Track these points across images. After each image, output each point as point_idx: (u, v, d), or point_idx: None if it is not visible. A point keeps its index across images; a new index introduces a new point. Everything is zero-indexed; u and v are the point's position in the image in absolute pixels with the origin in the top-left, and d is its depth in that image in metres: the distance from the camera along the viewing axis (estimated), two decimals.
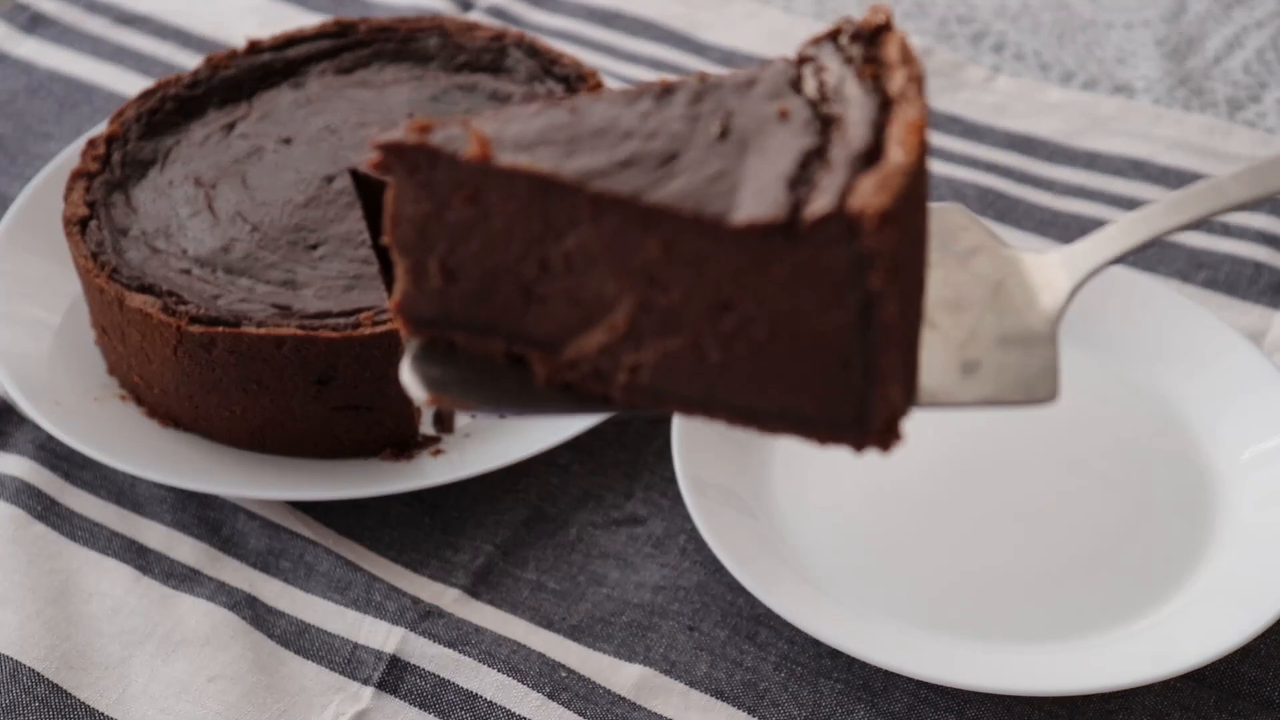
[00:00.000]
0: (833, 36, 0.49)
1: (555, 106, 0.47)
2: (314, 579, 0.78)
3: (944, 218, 0.53)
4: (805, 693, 0.73)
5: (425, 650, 0.75)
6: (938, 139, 1.07)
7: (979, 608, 0.76)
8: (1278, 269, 0.96)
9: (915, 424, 0.83)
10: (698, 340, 0.46)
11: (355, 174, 0.89)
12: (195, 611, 0.77)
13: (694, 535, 0.81)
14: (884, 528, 0.80)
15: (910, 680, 0.73)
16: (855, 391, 0.45)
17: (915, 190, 0.44)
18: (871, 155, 0.44)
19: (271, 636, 0.76)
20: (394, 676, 0.74)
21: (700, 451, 0.80)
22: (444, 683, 0.74)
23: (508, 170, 0.45)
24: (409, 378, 0.49)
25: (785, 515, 0.80)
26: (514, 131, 0.46)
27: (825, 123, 0.46)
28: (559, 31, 1.17)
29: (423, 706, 0.73)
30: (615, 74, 1.11)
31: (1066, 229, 1.00)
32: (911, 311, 0.46)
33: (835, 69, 0.48)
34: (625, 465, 0.85)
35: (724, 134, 0.46)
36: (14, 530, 0.80)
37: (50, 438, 0.84)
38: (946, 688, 0.73)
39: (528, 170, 0.45)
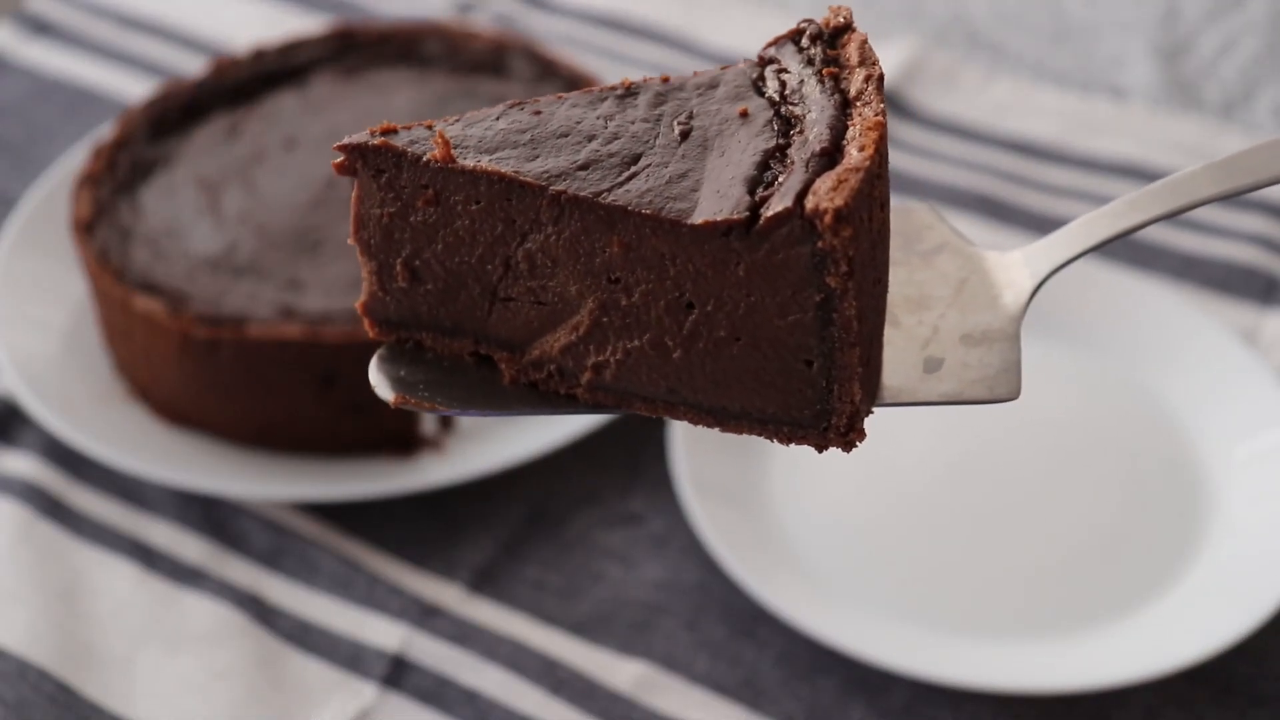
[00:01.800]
0: (794, 37, 0.49)
1: (518, 109, 0.48)
2: (317, 577, 0.79)
3: (909, 216, 0.53)
4: (803, 689, 0.74)
5: (427, 647, 0.76)
6: (934, 141, 1.08)
7: (975, 606, 0.76)
8: (1270, 270, 0.97)
9: (910, 425, 0.84)
10: (660, 340, 0.47)
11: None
12: (200, 609, 0.77)
13: (693, 533, 0.81)
14: (880, 527, 0.80)
15: (907, 677, 0.74)
16: (817, 390, 0.46)
17: (874, 190, 0.45)
18: (830, 155, 0.44)
19: (275, 634, 0.76)
20: (397, 673, 0.75)
21: (700, 451, 0.81)
22: (446, 679, 0.74)
23: (470, 172, 0.46)
24: (376, 378, 0.50)
25: (783, 514, 0.81)
26: (477, 134, 0.47)
27: (786, 123, 0.46)
28: (560, 35, 1.18)
29: (425, 703, 0.73)
30: (615, 77, 1.12)
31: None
32: (872, 310, 0.46)
33: (796, 70, 0.48)
34: (625, 465, 0.85)
35: (685, 136, 0.47)
36: (21, 529, 0.81)
37: (57, 437, 0.85)
38: (943, 685, 0.73)
39: (490, 172, 0.46)
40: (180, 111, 0.93)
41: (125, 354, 0.85)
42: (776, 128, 0.46)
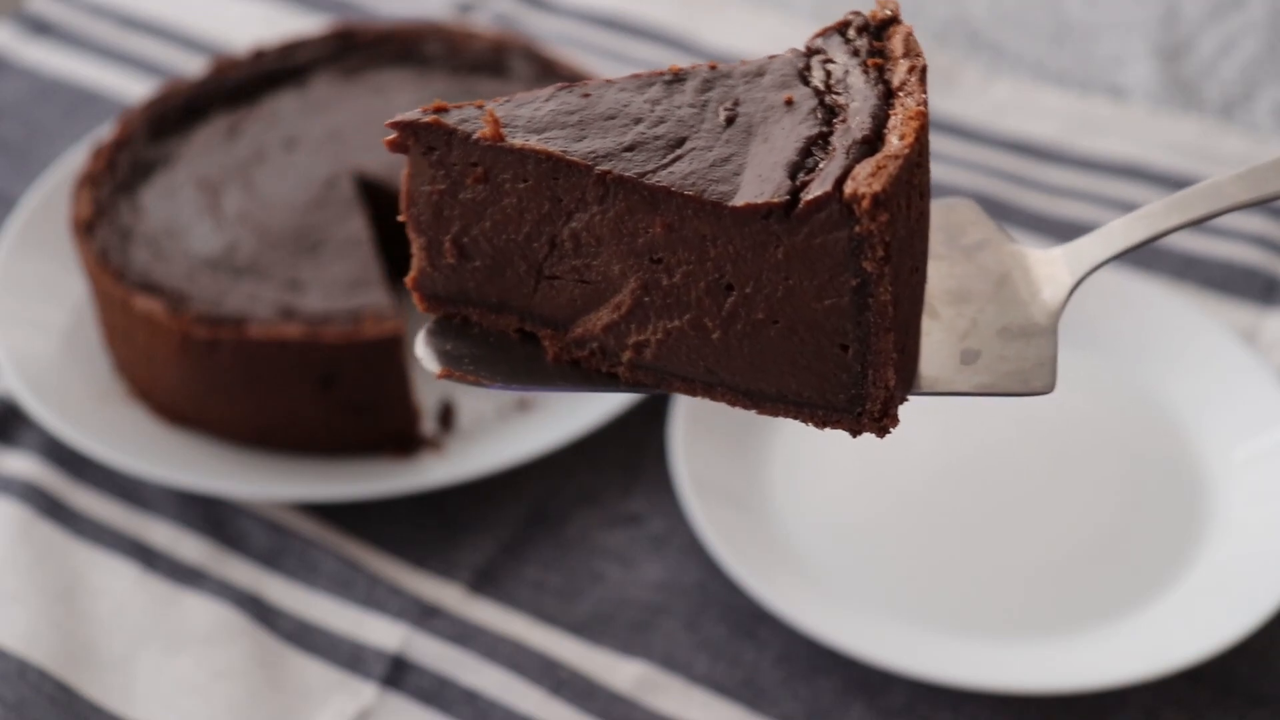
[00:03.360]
0: (841, 29, 0.50)
1: (567, 91, 0.48)
2: (317, 577, 0.79)
3: (953, 212, 0.54)
4: (803, 689, 0.74)
5: (427, 648, 0.76)
6: (934, 141, 1.08)
7: (975, 606, 0.76)
8: (1270, 270, 0.97)
9: (910, 425, 0.84)
10: (700, 320, 0.47)
11: (359, 176, 0.90)
12: (200, 609, 0.77)
13: (693, 534, 0.81)
14: (880, 526, 0.80)
15: (907, 677, 0.74)
16: (852, 375, 0.46)
17: (913, 178, 0.45)
18: (871, 143, 0.45)
19: (275, 634, 0.76)
20: (396, 674, 0.75)
21: (700, 451, 0.81)
22: (446, 680, 0.74)
23: (519, 150, 0.46)
24: (422, 350, 0.51)
25: (784, 514, 0.81)
26: (526, 114, 0.48)
27: (830, 112, 0.47)
28: (559, 36, 1.18)
29: (425, 703, 0.74)
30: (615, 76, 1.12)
31: (1062, 231, 1.00)
32: (908, 296, 0.47)
33: (842, 60, 0.48)
34: (625, 465, 0.85)
35: (731, 121, 0.47)
36: (21, 529, 0.81)
37: (57, 437, 0.85)
38: (943, 685, 0.73)
39: (538, 150, 0.46)
40: (180, 112, 0.93)
41: (125, 354, 0.85)
42: (820, 116, 0.46)
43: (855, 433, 0.48)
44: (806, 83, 0.48)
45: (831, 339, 0.46)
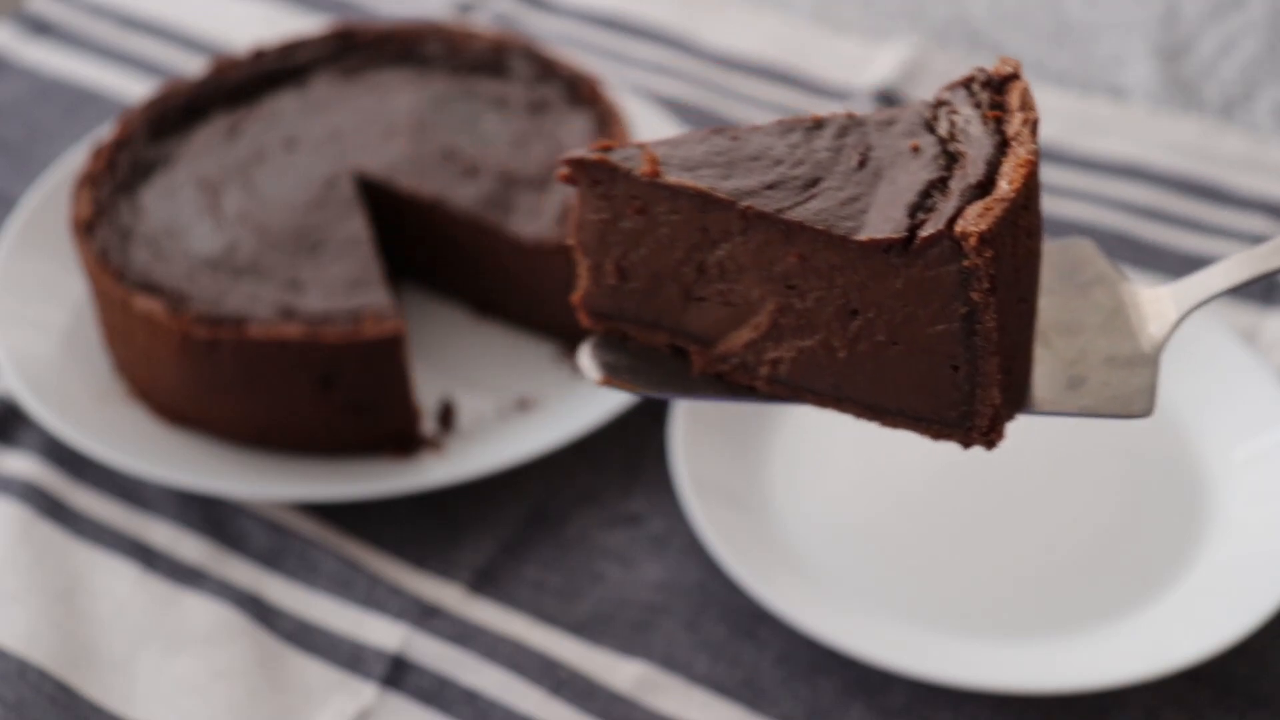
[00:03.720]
0: (966, 84, 0.55)
1: (719, 135, 0.54)
2: (317, 577, 0.79)
3: (1070, 251, 0.59)
4: (804, 689, 0.74)
5: (427, 648, 0.76)
6: None
7: (975, 606, 0.76)
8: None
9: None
10: (828, 341, 0.53)
11: (359, 176, 0.90)
12: (200, 609, 0.77)
13: (693, 534, 0.81)
14: (880, 526, 0.80)
15: (907, 677, 0.74)
16: (962, 393, 0.52)
17: (1019, 219, 0.50)
18: (984, 187, 0.50)
19: (275, 634, 0.76)
20: (397, 674, 0.75)
21: (700, 451, 0.81)
22: (446, 680, 0.74)
23: (672, 186, 0.53)
24: (586, 361, 0.57)
25: (784, 514, 0.81)
26: (681, 154, 0.54)
27: (951, 158, 0.52)
28: (559, 36, 1.18)
29: (425, 703, 0.74)
30: (614, 77, 1.12)
31: (1063, 230, 1.00)
32: (1013, 325, 0.51)
33: (965, 112, 0.54)
34: (625, 465, 0.85)
35: (862, 164, 0.53)
36: (21, 529, 0.81)
37: (57, 437, 0.85)
38: (943, 685, 0.73)
39: (689, 187, 0.52)
40: (180, 111, 0.93)
41: (125, 354, 0.85)
42: (941, 162, 0.52)
43: (966, 445, 0.53)
44: (932, 131, 0.53)
45: (943, 360, 0.51)
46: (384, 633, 0.76)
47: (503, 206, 0.88)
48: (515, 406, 0.87)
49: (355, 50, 0.99)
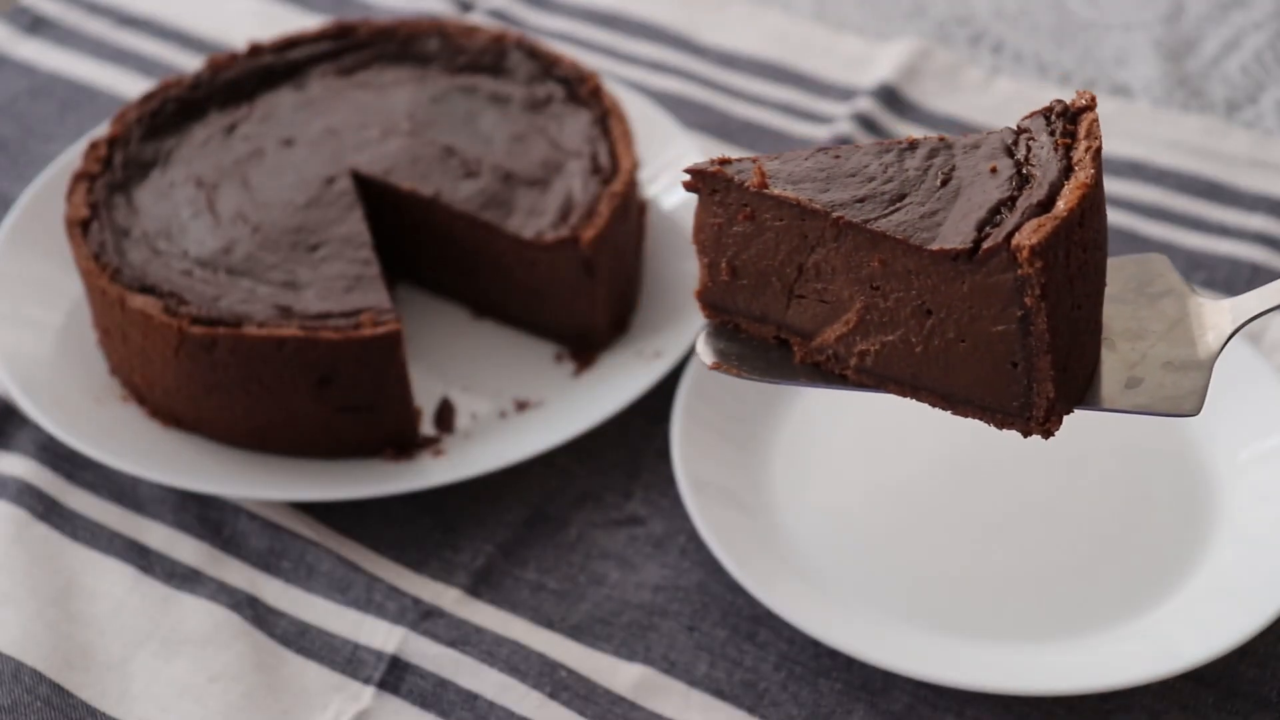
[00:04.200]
0: (1046, 113, 0.61)
1: (825, 152, 0.62)
2: (315, 579, 0.78)
3: (1146, 265, 0.65)
4: (805, 692, 0.74)
5: (426, 650, 0.75)
6: None
7: (977, 607, 0.76)
8: (1275, 269, 0.96)
9: (913, 426, 0.83)
10: (907, 337, 0.60)
11: (357, 175, 0.90)
12: (196, 611, 0.77)
13: (694, 535, 0.81)
14: (883, 528, 0.80)
15: (909, 680, 0.74)
16: (1020, 386, 0.58)
17: (1073, 235, 0.56)
18: (1045, 207, 0.57)
19: (272, 636, 0.76)
20: (394, 676, 0.74)
21: (700, 452, 0.80)
22: (444, 682, 0.74)
23: (776, 197, 0.60)
24: (702, 347, 0.65)
25: (785, 515, 0.80)
26: (789, 168, 0.61)
27: (1023, 180, 0.58)
28: (559, 33, 1.17)
29: (423, 706, 0.73)
30: (614, 75, 1.11)
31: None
32: (1067, 328, 0.57)
33: (1041, 138, 0.60)
34: (625, 465, 0.85)
35: (945, 183, 0.60)
36: (16, 530, 0.80)
37: (52, 438, 0.85)
38: (945, 687, 0.73)
39: (790, 198, 0.60)
40: (176, 110, 0.93)
41: (121, 354, 0.84)
42: (1014, 183, 0.58)
43: (1025, 434, 0.59)
44: (1011, 155, 0.60)
45: (1004, 357, 0.58)
46: (382, 634, 0.76)
47: (502, 205, 0.88)
48: (514, 407, 0.87)
49: (353, 48, 0.98)
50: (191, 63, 1.14)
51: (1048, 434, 0.59)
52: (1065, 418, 0.59)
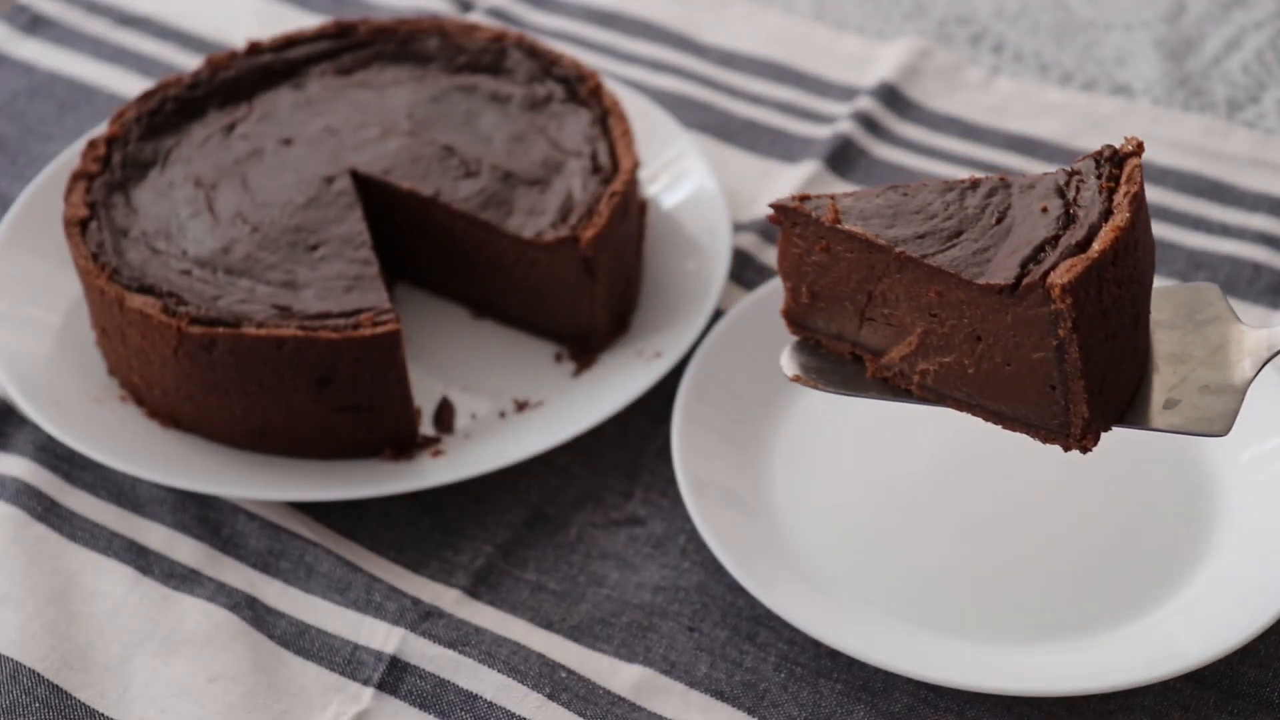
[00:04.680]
0: (1097, 157, 0.66)
1: (893, 190, 0.68)
2: (314, 579, 0.78)
3: (1197, 294, 0.69)
4: (805, 693, 0.73)
5: (425, 651, 0.75)
6: (938, 139, 1.07)
7: (979, 608, 0.76)
8: (1277, 269, 0.96)
9: (914, 426, 0.83)
10: (960, 359, 0.66)
11: (356, 175, 0.90)
12: (196, 612, 0.77)
13: (694, 536, 0.81)
14: (883, 529, 0.80)
15: (910, 680, 0.73)
16: (1058, 406, 0.64)
17: (1105, 273, 0.62)
18: (1084, 246, 0.62)
19: (272, 637, 0.76)
20: (394, 677, 0.74)
21: (700, 452, 0.80)
22: (444, 683, 0.74)
23: (846, 231, 0.67)
24: (785, 361, 0.72)
25: (785, 515, 0.80)
26: (860, 205, 0.67)
27: (1070, 219, 0.64)
28: (558, 32, 1.17)
29: (423, 707, 0.73)
30: (614, 75, 1.11)
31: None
32: (1101, 356, 0.63)
33: (1090, 181, 0.65)
34: (625, 465, 0.85)
35: (999, 221, 0.65)
36: (14, 531, 0.80)
37: (50, 438, 0.84)
38: (946, 688, 0.73)
39: (857, 233, 0.66)
40: (175, 109, 0.93)
41: (120, 354, 0.84)
42: (1060, 222, 0.64)
43: (1066, 449, 0.65)
44: (1063, 196, 0.65)
45: (1044, 380, 0.64)
46: (381, 635, 0.76)
47: (502, 205, 0.87)
48: (514, 407, 0.87)
49: (352, 47, 0.98)
50: (190, 62, 1.14)
51: (1085, 449, 0.65)
52: (1104, 434, 0.64)
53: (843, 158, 1.05)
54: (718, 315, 0.91)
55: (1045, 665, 0.72)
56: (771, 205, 0.69)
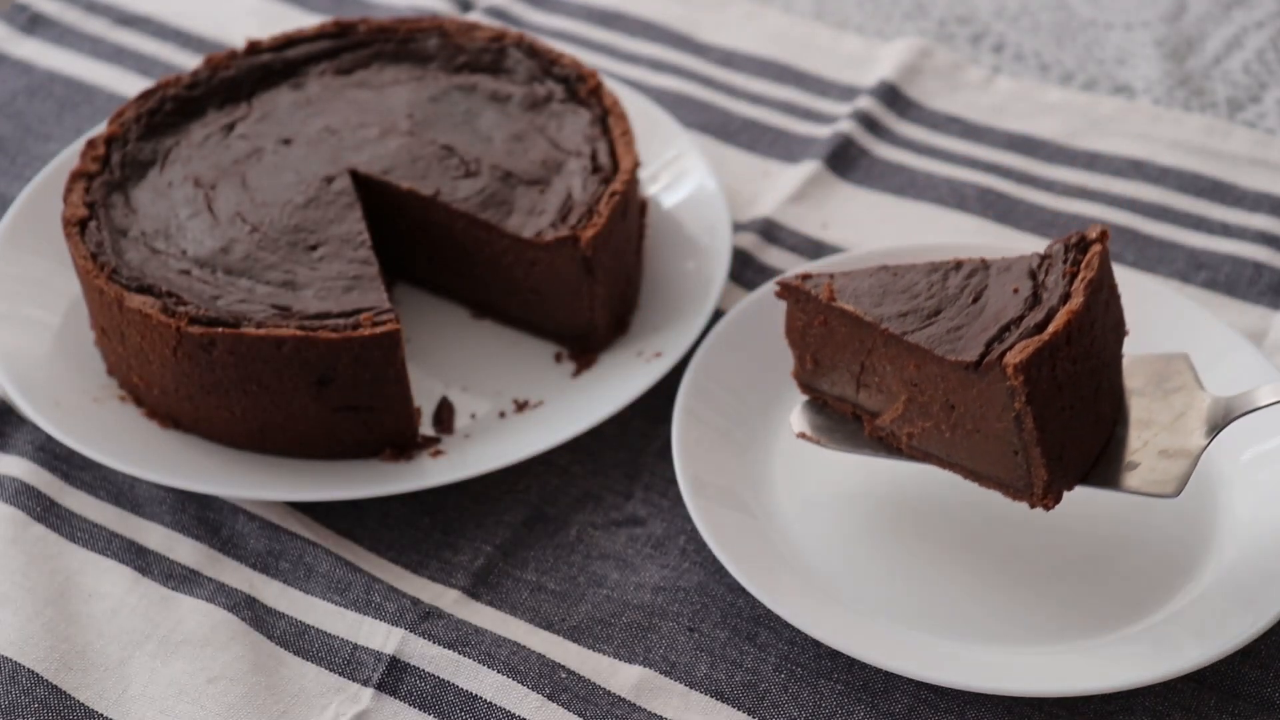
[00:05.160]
0: (1066, 243, 0.73)
1: (884, 270, 0.75)
2: (313, 580, 0.78)
3: (1170, 363, 0.76)
4: (805, 694, 0.73)
5: (425, 651, 0.75)
6: (939, 139, 1.07)
7: (979, 608, 0.76)
8: (1278, 269, 0.96)
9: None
10: (938, 424, 0.73)
11: (355, 174, 0.89)
12: (195, 612, 0.77)
13: (694, 536, 0.80)
14: (883, 529, 0.80)
15: (910, 681, 0.73)
16: (1021, 470, 0.71)
17: (1058, 353, 0.68)
18: (1042, 327, 0.69)
19: (271, 637, 0.76)
20: (393, 677, 0.74)
21: (700, 452, 0.80)
22: (443, 684, 0.74)
23: (839, 308, 0.74)
24: (795, 418, 0.79)
25: (785, 516, 0.80)
26: (854, 284, 0.75)
27: (1036, 300, 0.71)
28: (558, 32, 1.17)
29: (422, 708, 0.73)
30: (615, 74, 1.11)
31: (1066, 229, 1.00)
32: (1057, 425, 0.69)
33: (1058, 265, 0.72)
34: (625, 466, 0.85)
35: (975, 300, 0.72)
36: (13, 531, 0.80)
37: (50, 438, 0.84)
38: (946, 689, 0.72)
39: (847, 310, 0.74)
40: (174, 108, 0.92)
41: (119, 354, 0.84)
42: (1029, 303, 0.71)
43: (1031, 506, 0.72)
44: (1033, 279, 0.72)
45: (1007, 446, 0.71)
46: (381, 635, 0.75)
47: (501, 205, 0.87)
48: (514, 407, 0.86)
49: (351, 46, 0.98)
50: (190, 62, 1.14)
51: (1047, 508, 0.71)
52: (1066, 494, 0.71)
53: (843, 157, 1.05)
54: (718, 315, 0.91)
55: (1046, 666, 0.72)
56: (777, 282, 0.77)
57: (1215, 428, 0.72)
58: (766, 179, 1.04)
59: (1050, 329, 0.68)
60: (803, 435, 0.78)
